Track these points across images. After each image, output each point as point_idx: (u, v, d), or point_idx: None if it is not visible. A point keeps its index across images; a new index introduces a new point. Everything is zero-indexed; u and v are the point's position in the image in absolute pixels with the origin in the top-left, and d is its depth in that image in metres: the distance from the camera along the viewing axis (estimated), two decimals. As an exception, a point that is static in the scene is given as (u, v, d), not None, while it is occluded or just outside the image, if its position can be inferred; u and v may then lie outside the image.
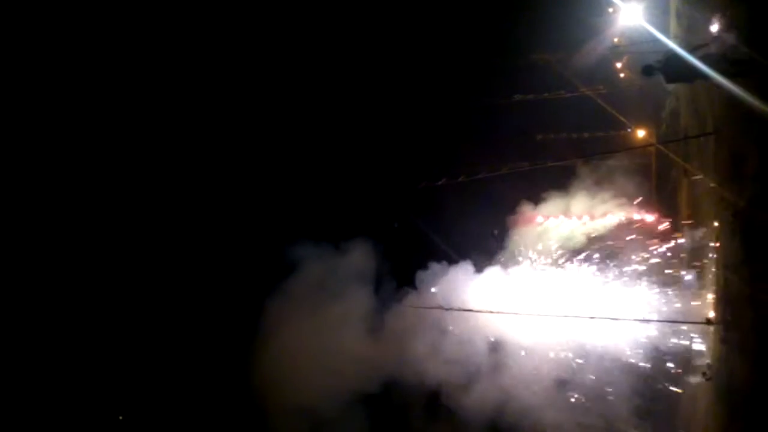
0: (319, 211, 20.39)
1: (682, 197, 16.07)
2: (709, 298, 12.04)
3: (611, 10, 18.32)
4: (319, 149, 22.36)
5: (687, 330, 12.92)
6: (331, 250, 17.00)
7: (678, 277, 13.97)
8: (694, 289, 13.25)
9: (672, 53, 8.76)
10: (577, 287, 15.37)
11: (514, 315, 14.41)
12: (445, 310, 15.50)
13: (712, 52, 8.53)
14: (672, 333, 13.37)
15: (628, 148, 20.17)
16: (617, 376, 14.61)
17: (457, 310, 15.23)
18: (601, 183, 17.88)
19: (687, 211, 15.35)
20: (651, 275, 14.91)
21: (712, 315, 11.41)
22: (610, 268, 15.65)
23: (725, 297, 10.64)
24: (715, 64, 8.32)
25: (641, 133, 20.30)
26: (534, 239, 17.48)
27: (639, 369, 14.32)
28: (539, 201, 18.33)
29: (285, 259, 16.95)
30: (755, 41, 8.30)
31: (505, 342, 15.43)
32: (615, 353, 14.39)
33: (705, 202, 12.78)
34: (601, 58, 19.76)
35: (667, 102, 17.40)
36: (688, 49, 8.72)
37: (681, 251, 14.74)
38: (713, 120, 11.48)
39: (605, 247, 16.35)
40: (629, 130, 20.69)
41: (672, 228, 16.32)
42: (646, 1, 16.03)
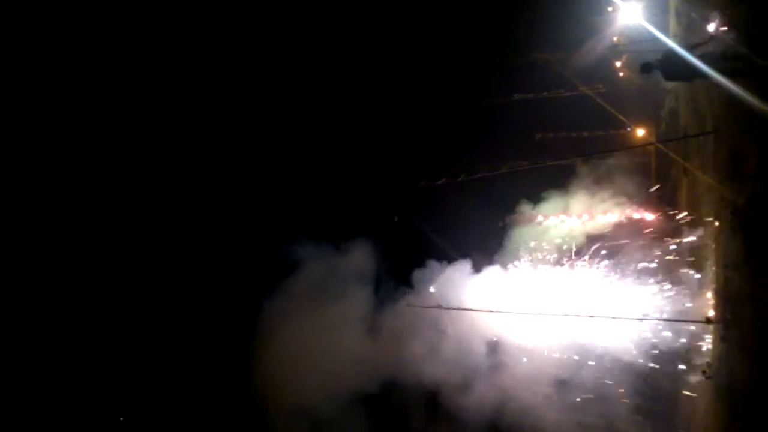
0: (319, 211, 20.40)
1: (681, 196, 16.05)
2: (709, 296, 12.04)
3: (611, 9, 18.29)
4: (319, 149, 22.36)
5: (687, 328, 12.90)
6: (331, 249, 17.02)
7: (677, 276, 13.93)
8: (693, 288, 13.22)
9: (671, 51, 8.76)
10: (577, 286, 15.35)
11: (513, 314, 14.40)
12: (445, 309, 15.49)
13: (711, 50, 8.54)
14: (672, 332, 13.34)
15: (627, 147, 20.15)
16: (617, 375, 14.60)
17: (457, 309, 15.21)
18: (601, 182, 17.86)
19: (687, 210, 15.33)
20: (651, 274, 14.87)
21: (712, 313, 11.41)
22: (609, 266, 15.63)
23: (725, 295, 10.64)
24: (714, 62, 8.32)
25: (641, 132, 20.28)
26: (533, 238, 17.47)
27: (639, 368, 14.31)
28: (539, 200, 18.32)
29: (285, 259, 16.98)
30: (754, 40, 8.30)
31: (505, 341, 15.42)
32: (615, 352, 14.38)
33: (705, 200, 12.77)
34: (601, 57, 19.72)
35: (667, 101, 17.38)
36: (687, 48, 8.72)
37: (680, 250, 14.71)
38: (713, 119, 11.48)
39: (605, 246, 16.33)
40: (629, 129, 20.68)
41: (672, 227, 16.30)
42: (645, 0, 16.03)
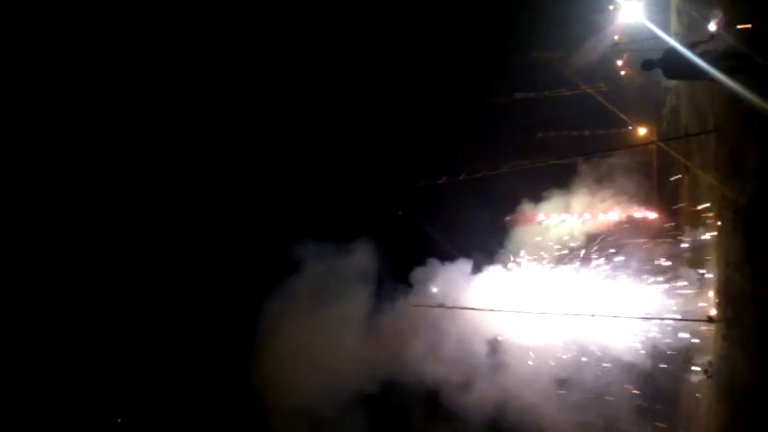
0: (319, 210, 20.36)
1: (683, 195, 16.03)
2: (711, 295, 12.01)
3: (612, 7, 18.25)
4: (319, 149, 22.34)
5: (688, 328, 12.87)
6: (330, 249, 16.99)
7: (679, 275, 13.90)
8: (695, 287, 13.19)
9: (672, 49, 8.74)
10: (578, 285, 15.33)
11: (514, 313, 14.38)
12: (447, 308, 15.47)
13: (712, 49, 8.52)
14: (673, 331, 13.32)
15: (628, 145, 20.11)
16: (618, 374, 14.57)
17: (458, 308, 15.19)
18: (602, 181, 17.83)
19: (688, 209, 15.31)
20: (652, 273, 14.85)
21: (713, 312, 11.39)
22: (610, 265, 15.60)
23: (727, 294, 10.62)
24: (715, 61, 8.29)
25: (642, 131, 20.24)
26: (534, 237, 17.44)
27: (639, 367, 14.29)
28: (540, 199, 18.28)
29: (285, 259, 16.96)
30: (755, 39, 8.27)
31: (505, 340, 15.39)
32: (615, 352, 14.35)
33: (706, 199, 12.75)
34: (602, 55, 19.68)
35: (668, 100, 17.35)
36: (688, 47, 8.69)
37: (682, 249, 14.69)
38: (714, 117, 11.45)
39: (606, 245, 16.30)
40: (630, 127, 20.63)
41: (673, 225, 16.27)
42: (646, -1, 16.01)
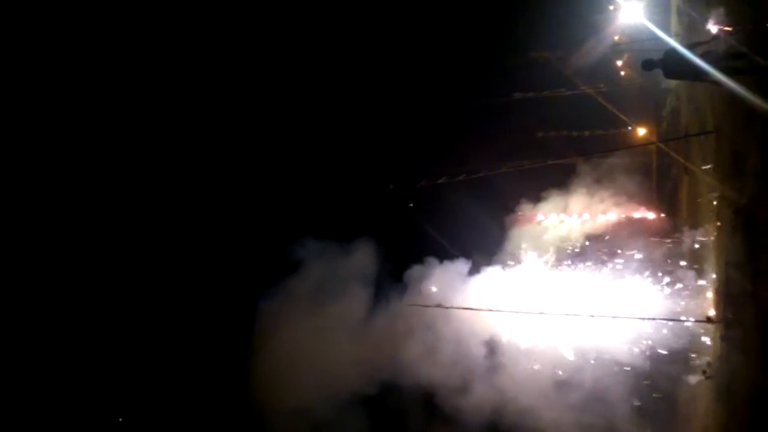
0: (318, 210, 20.34)
1: (682, 195, 16.03)
2: (710, 295, 12.01)
3: (612, 7, 18.28)
4: (319, 149, 22.33)
5: (687, 328, 12.87)
6: (330, 249, 16.95)
7: (678, 275, 13.90)
8: (694, 287, 13.19)
9: (672, 50, 8.72)
10: (577, 286, 15.31)
11: (512, 313, 14.36)
12: (444, 308, 15.43)
13: (712, 49, 8.50)
14: (672, 331, 13.31)
15: (628, 146, 20.11)
16: (617, 375, 14.55)
17: (456, 308, 15.16)
18: (602, 181, 17.81)
19: (688, 209, 15.31)
20: (651, 273, 14.84)
21: (712, 313, 11.40)
22: (609, 266, 15.59)
23: (726, 295, 10.62)
24: (715, 61, 8.27)
25: (642, 132, 20.26)
26: (533, 237, 17.43)
27: (639, 368, 14.27)
28: (539, 199, 18.27)
29: (283, 259, 16.93)
30: (755, 40, 8.26)
31: (504, 341, 15.37)
32: (615, 352, 14.33)
33: (706, 199, 12.74)
34: (602, 56, 19.71)
35: (668, 100, 17.36)
36: (688, 47, 8.68)
37: (681, 249, 14.68)
38: (714, 118, 11.46)
39: (605, 246, 16.29)
40: (630, 128, 20.65)
41: (672, 226, 16.28)
42: (646, -1, 16.02)
